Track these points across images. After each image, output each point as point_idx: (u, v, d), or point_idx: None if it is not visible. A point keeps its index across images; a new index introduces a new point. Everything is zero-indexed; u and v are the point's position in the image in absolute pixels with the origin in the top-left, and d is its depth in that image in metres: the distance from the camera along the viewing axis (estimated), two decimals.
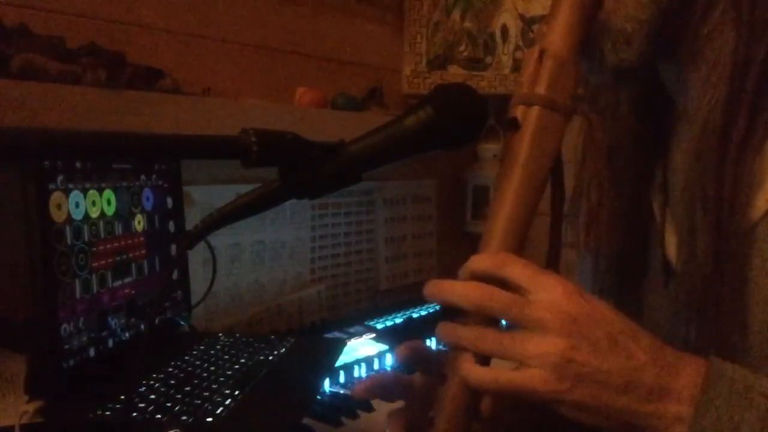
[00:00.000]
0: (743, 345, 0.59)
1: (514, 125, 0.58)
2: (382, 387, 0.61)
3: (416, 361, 0.60)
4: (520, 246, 0.57)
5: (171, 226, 1.13)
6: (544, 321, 0.52)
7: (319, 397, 1.05)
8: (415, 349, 0.60)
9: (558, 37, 0.59)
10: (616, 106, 0.72)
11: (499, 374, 0.53)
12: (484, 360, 0.55)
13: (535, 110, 0.58)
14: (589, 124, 0.61)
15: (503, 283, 0.54)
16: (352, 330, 1.38)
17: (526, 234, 0.57)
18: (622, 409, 0.51)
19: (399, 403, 0.63)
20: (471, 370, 0.54)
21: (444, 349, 0.58)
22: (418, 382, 0.60)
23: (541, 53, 0.59)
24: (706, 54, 0.61)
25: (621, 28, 0.60)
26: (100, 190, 0.95)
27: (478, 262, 0.56)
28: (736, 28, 0.59)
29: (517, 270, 0.54)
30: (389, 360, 1.23)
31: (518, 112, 0.58)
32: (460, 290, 0.55)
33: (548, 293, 0.52)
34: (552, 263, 0.62)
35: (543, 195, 0.58)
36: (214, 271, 1.21)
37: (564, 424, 0.54)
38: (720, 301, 0.60)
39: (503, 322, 0.55)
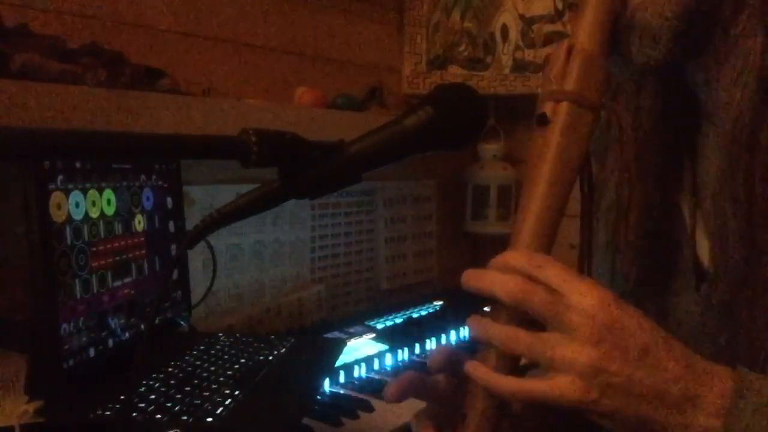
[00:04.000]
0: None
1: (544, 121, 0.58)
2: (411, 389, 0.60)
3: (448, 368, 0.59)
4: (550, 242, 0.57)
5: (171, 226, 1.13)
6: (577, 326, 0.51)
7: (319, 397, 1.05)
8: (448, 356, 0.59)
9: (586, 33, 0.59)
10: (637, 104, 0.71)
11: (522, 384, 0.53)
12: (513, 358, 0.55)
13: (565, 106, 0.58)
14: (618, 122, 0.60)
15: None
16: (352, 330, 1.38)
17: (556, 229, 0.57)
18: (651, 420, 0.51)
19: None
20: (495, 380, 0.54)
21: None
22: (442, 383, 0.60)
23: (570, 49, 0.59)
24: (734, 56, 0.60)
25: (648, 26, 0.60)
26: (100, 190, 0.95)
27: (516, 258, 0.55)
28: (764, 31, 0.58)
29: (554, 272, 0.53)
30: (389, 360, 1.23)
31: (547, 108, 0.58)
32: (499, 281, 0.54)
33: (583, 298, 0.52)
34: (585, 259, 0.62)
35: (572, 191, 0.58)
36: (214, 271, 1.21)
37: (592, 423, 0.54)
38: (753, 305, 0.59)
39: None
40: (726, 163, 0.61)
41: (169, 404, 0.82)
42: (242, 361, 0.98)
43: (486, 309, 0.57)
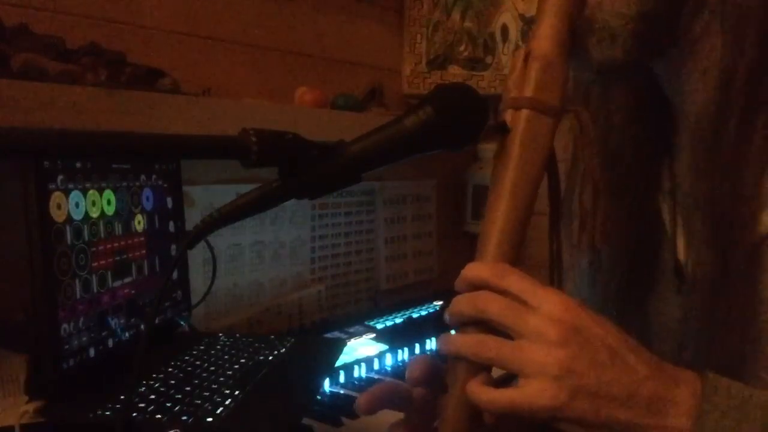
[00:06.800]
0: (754, 354, 0.59)
1: (504, 130, 0.58)
2: (384, 400, 0.60)
3: (428, 379, 0.59)
4: (516, 251, 0.56)
5: (171, 226, 1.13)
6: (543, 330, 0.51)
7: (319, 397, 1.05)
8: (426, 367, 0.59)
9: (543, 37, 0.58)
10: (608, 107, 0.71)
11: (496, 394, 0.52)
12: (484, 368, 0.54)
13: (524, 113, 0.57)
14: (579, 124, 0.60)
15: (502, 294, 0.54)
16: (352, 330, 1.38)
17: (522, 238, 0.57)
18: (622, 422, 0.50)
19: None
20: (469, 390, 0.53)
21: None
22: (417, 394, 0.60)
23: (527, 55, 0.58)
24: (697, 55, 0.60)
25: (606, 25, 0.60)
26: (100, 190, 0.95)
27: (476, 270, 0.55)
28: (722, 33, 0.58)
29: (516, 281, 0.53)
30: (389, 360, 1.23)
31: (507, 116, 0.58)
32: (456, 305, 0.54)
33: (547, 304, 0.52)
34: (554, 266, 0.61)
35: (537, 197, 0.58)
36: (214, 271, 1.21)
37: None
38: (729, 308, 0.59)
39: None
40: (692, 164, 0.61)
41: (169, 404, 0.82)
42: (242, 361, 0.98)
43: None
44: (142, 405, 0.81)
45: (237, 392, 0.86)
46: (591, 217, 0.66)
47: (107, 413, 0.79)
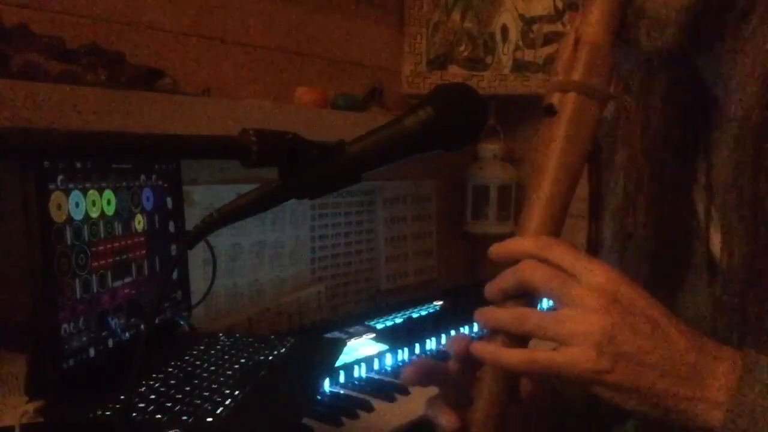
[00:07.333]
0: None
1: (551, 111, 0.59)
2: (426, 374, 0.61)
3: (466, 356, 0.59)
4: (558, 230, 0.57)
5: (171, 226, 1.13)
6: (586, 299, 0.52)
7: (319, 397, 1.05)
8: (467, 344, 0.59)
9: (593, 23, 0.59)
10: (647, 98, 0.71)
11: (537, 354, 0.53)
12: (521, 342, 0.55)
13: (571, 96, 0.58)
14: (626, 115, 0.61)
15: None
16: (352, 330, 1.38)
17: (563, 218, 0.58)
18: (660, 391, 0.51)
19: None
20: (507, 353, 0.54)
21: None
22: (452, 369, 0.60)
23: (577, 40, 0.59)
24: (746, 55, 0.61)
25: (656, 15, 0.60)
26: (100, 190, 0.95)
27: (520, 243, 0.56)
28: None
29: (561, 251, 0.54)
30: (389, 360, 1.23)
31: (554, 98, 0.59)
32: (496, 280, 0.55)
33: (591, 275, 0.53)
34: (592, 245, 0.62)
35: (579, 181, 0.59)
36: (214, 271, 1.21)
37: (594, 408, 0.53)
38: (762, 305, 0.60)
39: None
40: (733, 162, 0.61)
41: (169, 404, 0.82)
42: (242, 361, 0.98)
43: None
44: (142, 405, 0.81)
45: (237, 392, 0.86)
46: (632, 205, 0.67)
47: (107, 413, 0.79)
